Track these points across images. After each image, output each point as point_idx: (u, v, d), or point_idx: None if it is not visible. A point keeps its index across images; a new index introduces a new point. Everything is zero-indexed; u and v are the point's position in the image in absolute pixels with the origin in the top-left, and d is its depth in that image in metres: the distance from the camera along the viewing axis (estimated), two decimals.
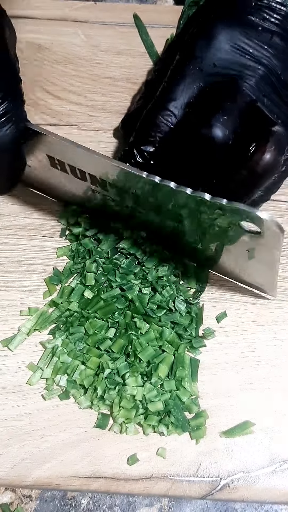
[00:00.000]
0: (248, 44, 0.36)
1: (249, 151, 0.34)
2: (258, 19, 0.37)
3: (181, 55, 0.38)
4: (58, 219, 0.44)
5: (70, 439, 0.37)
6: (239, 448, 0.37)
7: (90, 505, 0.39)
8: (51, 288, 0.42)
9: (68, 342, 0.39)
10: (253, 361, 0.40)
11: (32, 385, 0.39)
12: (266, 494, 0.36)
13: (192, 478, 0.36)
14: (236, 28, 0.37)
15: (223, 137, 0.35)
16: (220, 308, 0.41)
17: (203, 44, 0.37)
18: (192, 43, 0.38)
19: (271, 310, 0.41)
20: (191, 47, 0.38)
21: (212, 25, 0.37)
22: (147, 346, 0.38)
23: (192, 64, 0.37)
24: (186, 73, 0.37)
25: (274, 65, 0.37)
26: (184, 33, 0.40)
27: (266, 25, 0.37)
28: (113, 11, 0.55)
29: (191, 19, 0.41)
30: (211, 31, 0.37)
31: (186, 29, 0.40)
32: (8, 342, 0.40)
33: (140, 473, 0.36)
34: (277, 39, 0.37)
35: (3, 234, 0.44)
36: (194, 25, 0.39)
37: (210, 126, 0.34)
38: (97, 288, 0.40)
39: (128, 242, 0.41)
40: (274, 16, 0.37)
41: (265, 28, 0.37)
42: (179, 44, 0.40)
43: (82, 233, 0.43)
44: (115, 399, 0.37)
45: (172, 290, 0.40)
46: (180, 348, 0.39)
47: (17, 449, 0.37)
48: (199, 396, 0.38)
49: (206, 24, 0.38)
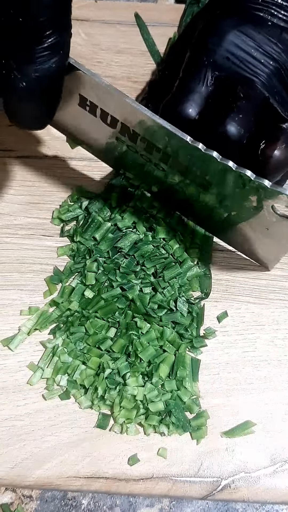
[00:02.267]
0: (259, 39, 0.36)
1: (260, 147, 0.34)
2: (267, 15, 0.37)
3: (193, 50, 0.38)
4: (51, 220, 0.44)
5: (70, 439, 0.37)
6: (240, 448, 0.37)
7: (91, 505, 0.39)
8: (51, 288, 0.41)
9: (69, 342, 0.39)
10: (254, 361, 0.39)
11: (32, 385, 0.39)
12: (267, 494, 0.36)
13: (193, 478, 0.36)
14: (246, 23, 0.37)
15: (239, 135, 0.35)
16: (221, 308, 0.41)
17: (215, 38, 0.37)
18: (203, 38, 0.38)
19: (272, 309, 0.41)
20: (203, 41, 0.37)
21: (221, 20, 0.37)
22: (148, 346, 0.38)
23: (205, 56, 0.37)
24: (200, 66, 0.37)
25: (284, 60, 0.37)
26: (189, 31, 0.40)
27: (275, 20, 0.37)
28: (114, 10, 0.55)
29: (197, 17, 0.41)
30: (222, 26, 0.37)
31: (192, 27, 0.40)
32: (8, 342, 0.40)
33: (140, 473, 0.36)
34: (286, 35, 0.37)
35: (3, 233, 0.44)
36: (202, 21, 0.39)
37: (226, 124, 0.35)
38: (98, 288, 0.40)
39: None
40: (282, 13, 0.37)
41: (275, 24, 0.37)
42: (185, 42, 0.40)
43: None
44: (116, 399, 0.37)
45: (174, 290, 0.40)
46: (181, 348, 0.38)
47: (18, 449, 0.37)
48: (200, 396, 0.38)
49: (215, 20, 0.38)
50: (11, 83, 0.28)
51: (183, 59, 0.40)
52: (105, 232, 0.42)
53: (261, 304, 0.41)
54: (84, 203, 0.43)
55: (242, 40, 0.37)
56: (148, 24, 0.53)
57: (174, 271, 0.40)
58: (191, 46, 0.39)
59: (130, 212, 0.42)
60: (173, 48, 0.45)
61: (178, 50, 0.41)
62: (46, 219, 0.44)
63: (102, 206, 0.43)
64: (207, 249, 0.42)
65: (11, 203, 0.45)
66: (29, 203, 0.45)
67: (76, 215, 0.43)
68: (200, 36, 0.38)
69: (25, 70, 0.28)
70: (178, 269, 0.40)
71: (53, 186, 0.46)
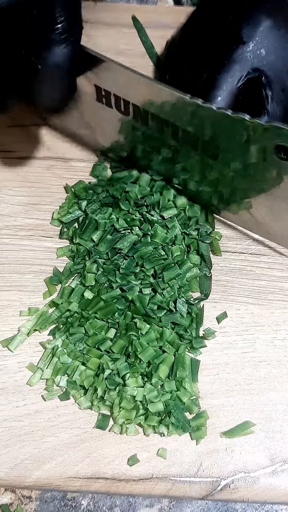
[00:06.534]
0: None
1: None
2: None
3: (223, 41, 0.37)
4: (51, 221, 0.44)
5: (70, 440, 0.37)
6: (239, 449, 0.37)
7: (90, 506, 0.39)
8: (51, 289, 0.42)
9: (68, 343, 0.39)
10: (253, 362, 0.40)
11: (32, 386, 0.39)
12: (267, 494, 0.36)
13: (193, 478, 0.36)
14: (280, 17, 0.36)
15: None
16: (220, 309, 0.41)
17: (250, 31, 0.36)
18: (236, 29, 0.37)
19: (271, 310, 0.41)
20: (237, 32, 0.36)
21: (256, 13, 0.36)
22: (147, 347, 0.38)
23: (240, 49, 0.36)
24: (234, 58, 0.36)
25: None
26: (193, 25, 0.40)
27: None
28: (114, 12, 0.55)
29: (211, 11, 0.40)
30: (257, 18, 0.36)
31: (199, 21, 0.39)
32: (8, 343, 0.40)
33: (140, 473, 0.36)
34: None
35: (3, 235, 0.44)
36: (232, 12, 0.38)
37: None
38: (97, 289, 0.40)
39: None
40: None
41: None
42: (195, 34, 0.39)
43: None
44: (115, 399, 0.37)
45: (173, 291, 0.40)
46: (180, 348, 0.38)
47: (17, 450, 0.37)
48: (200, 396, 0.38)
49: (250, 11, 0.37)
50: (31, 70, 0.31)
51: (185, 60, 0.40)
52: (102, 233, 0.42)
53: (261, 305, 0.41)
54: (83, 203, 0.43)
55: (276, 36, 0.36)
56: (148, 26, 0.54)
57: (174, 272, 0.40)
58: (218, 37, 0.38)
59: (125, 214, 0.42)
60: (182, 38, 0.44)
61: (192, 35, 0.40)
62: (46, 220, 0.45)
63: (100, 207, 0.43)
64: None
65: (10, 204, 0.45)
66: (28, 204, 0.45)
67: (75, 216, 0.44)
68: (233, 26, 0.37)
69: (42, 55, 0.31)
70: (178, 270, 0.40)
71: (53, 186, 0.46)
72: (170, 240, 0.41)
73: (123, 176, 0.44)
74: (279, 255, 0.43)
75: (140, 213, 0.42)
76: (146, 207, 0.42)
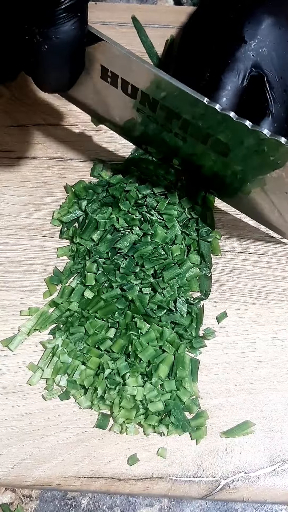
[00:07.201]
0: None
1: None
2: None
3: (224, 41, 0.37)
4: (51, 221, 0.44)
5: (70, 439, 0.37)
6: (239, 448, 0.37)
7: (90, 505, 0.39)
8: (51, 288, 0.42)
9: (68, 342, 0.39)
10: (253, 361, 0.40)
11: (32, 385, 0.39)
12: (266, 494, 0.36)
13: (193, 478, 0.36)
14: (282, 16, 0.36)
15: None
16: (220, 308, 0.41)
17: (251, 29, 0.36)
18: (238, 28, 0.37)
19: (271, 310, 0.41)
20: (238, 31, 0.36)
21: (258, 11, 0.36)
22: (147, 346, 0.38)
23: (242, 48, 0.36)
24: (237, 57, 0.36)
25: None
26: (196, 26, 0.39)
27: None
28: (114, 11, 0.55)
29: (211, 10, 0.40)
30: (259, 17, 0.36)
31: (201, 21, 0.39)
32: (8, 342, 0.40)
33: (140, 473, 0.36)
34: None
35: (3, 234, 0.44)
36: (233, 12, 0.38)
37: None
38: (98, 288, 0.40)
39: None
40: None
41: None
42: (200, 33, 0.39)
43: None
44: (116, 399, 0.37)
45: (173, 291, 0.40)
46: (180, 348, 0.39)
47: (18, 449, 0.37)
48: (200, 396, 0.38)
49: (251, 10, 0.37)
50: (35, 47, 0.30)
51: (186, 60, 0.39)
52: (102, 233, 0.42)
53: (261, 305, 0.41)
54: (83, 203, 0.43)
55: (277, 34, 0.36)
56: (148, 25, 0.54)
57: (174, 272, 0.40)
58: (220, 36, 0.38)
59: (125, 213, 0.42)
60: (183, 39, 0.44)
61: (193, 37, 0.40)
62: (46, 220, 0.45)
63: (100, 206, 0.43)
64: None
65: (11, 203, 0.45)
66: (29, 203, 0.45)
67: (75, 216, 0.44)
68: (234, 25, 0.37)
69: (46, 33, 0.30)
70: (178, 270, 0.40)
71: (53, 186, 0.46)
72: (170, 239, 0.41)
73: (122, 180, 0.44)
74: (279, 255, 0.43)
75: (140, 212, 0.42)
76: (146, 207, 0.42)
